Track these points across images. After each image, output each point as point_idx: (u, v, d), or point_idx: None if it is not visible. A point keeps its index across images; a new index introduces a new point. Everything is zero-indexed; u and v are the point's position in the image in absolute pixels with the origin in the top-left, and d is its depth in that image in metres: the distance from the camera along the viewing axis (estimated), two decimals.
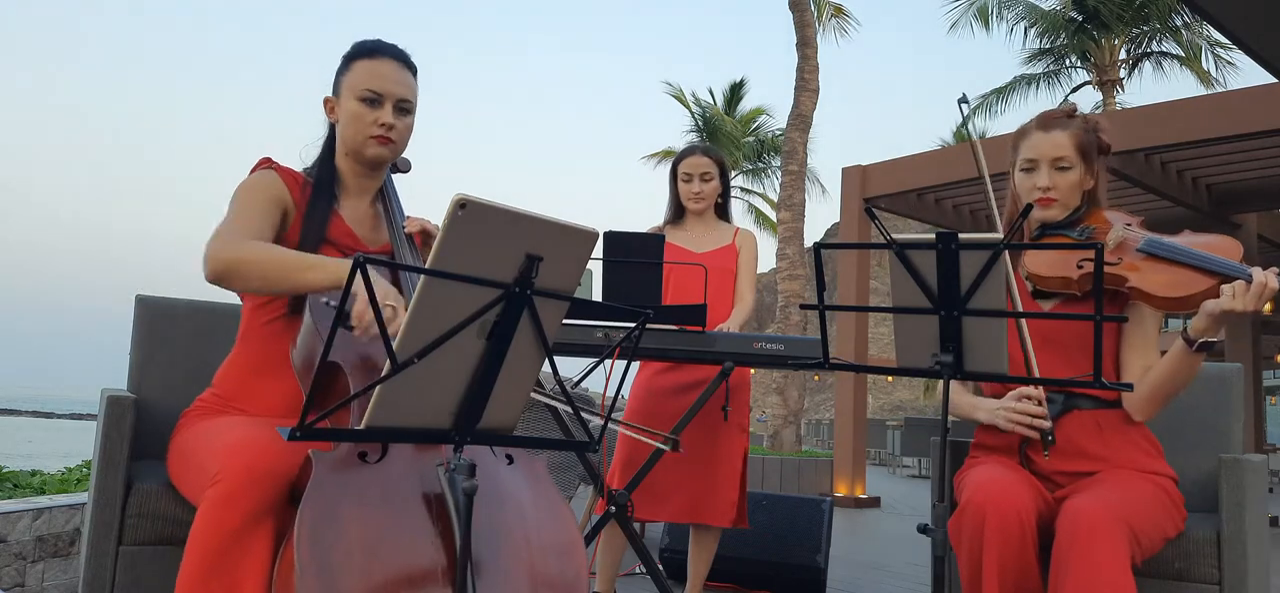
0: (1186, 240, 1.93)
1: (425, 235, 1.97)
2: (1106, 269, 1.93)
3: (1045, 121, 2.11)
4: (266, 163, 1.93)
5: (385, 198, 2.01)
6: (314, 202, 1.90)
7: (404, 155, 2.05)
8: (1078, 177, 2.08)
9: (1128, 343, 2.05)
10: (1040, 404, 1.98)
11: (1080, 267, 1.99)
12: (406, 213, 2.01)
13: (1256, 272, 1.74)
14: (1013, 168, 2.17)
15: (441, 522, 1.51)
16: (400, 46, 1.97)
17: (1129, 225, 2.00)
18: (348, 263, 1.67)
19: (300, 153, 2.01)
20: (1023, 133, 2.14)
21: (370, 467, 1.54)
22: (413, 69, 1.97)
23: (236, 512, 1.48)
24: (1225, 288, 1.75)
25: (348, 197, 1.97)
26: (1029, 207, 1.98)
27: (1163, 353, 1.99)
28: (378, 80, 1.90)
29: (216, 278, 1.70)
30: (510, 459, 1.69)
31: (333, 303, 1.67)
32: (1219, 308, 1.77)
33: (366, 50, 1.93)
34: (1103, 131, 2.11)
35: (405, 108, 1.94)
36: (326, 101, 1.98)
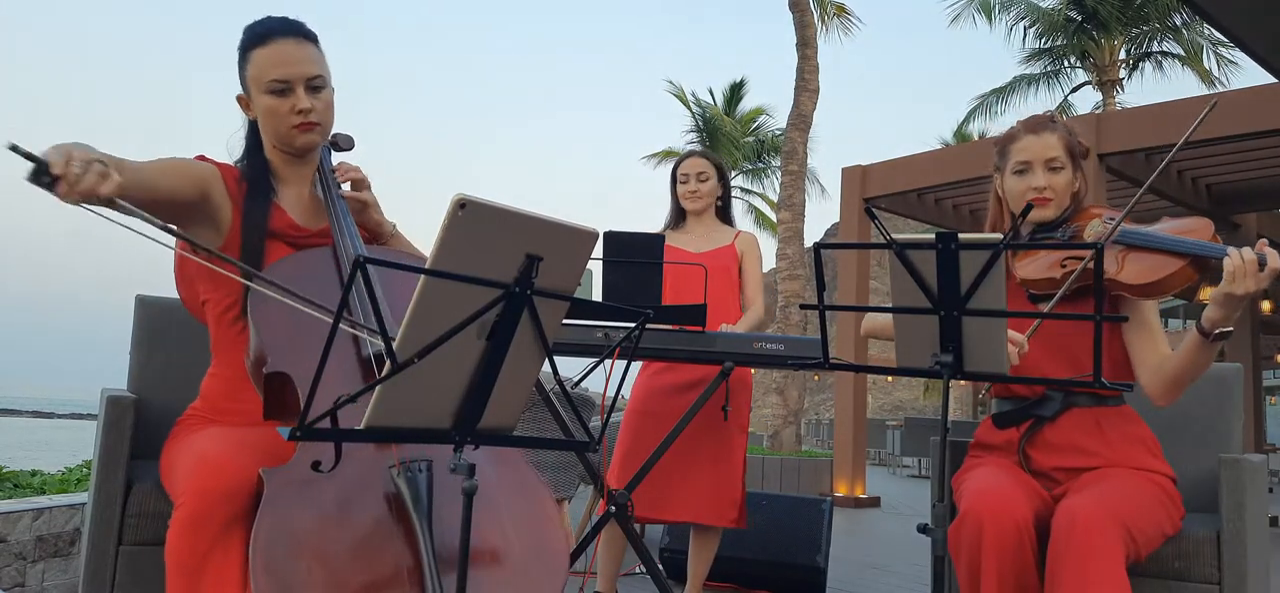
0: (1162, 227, 1.96)
1: (354, 187, 1.90)
2: (1088, 267, 1.95)
3: (1034, 125, 2.15)
4: (203, 160, 1.86)
5: (323, 178, 1.93)
6: (251, 199, 1.83)
7: (346, 133, 2.00)
8: (1068, 177, 2.11)
9: (1134, 336, 2.06)
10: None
11: (1063, 266, 2.02)
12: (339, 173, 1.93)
13: (1233, 252, 1.74)
14: (1000, 172, 2.19)
15: (402, 523, 1.50)
16: (291, 18, 1.84)
17: (1111, 219, 2.03)
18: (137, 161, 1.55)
19: (227, 145, 1.92)
20: (1011, 137, 2.17)
21: (325, 476, 1.51)
22: (311, 38, 1.85)
23: (200, 535, 1.47)
24: (1225, 268, 1.75)
25: (286, 186, 1.90)
26: (1030, 206, 1.98)
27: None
28: (280, 67, 1.79)
29: None
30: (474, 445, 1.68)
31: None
32: (1222, 292, 1.77)
33: (258, 37, 1.82)
34: (1079, 136, 2.16)
35: (317, 84, 1.83)
36: (239, 99, 1.88)
